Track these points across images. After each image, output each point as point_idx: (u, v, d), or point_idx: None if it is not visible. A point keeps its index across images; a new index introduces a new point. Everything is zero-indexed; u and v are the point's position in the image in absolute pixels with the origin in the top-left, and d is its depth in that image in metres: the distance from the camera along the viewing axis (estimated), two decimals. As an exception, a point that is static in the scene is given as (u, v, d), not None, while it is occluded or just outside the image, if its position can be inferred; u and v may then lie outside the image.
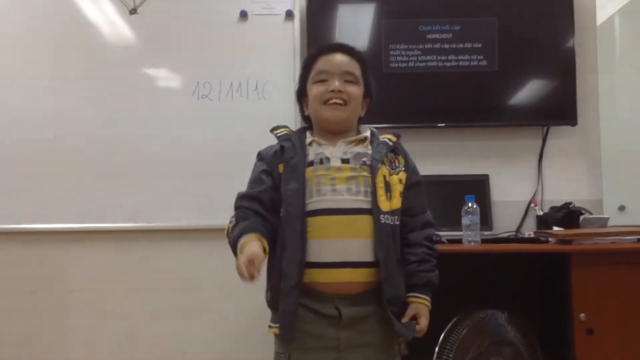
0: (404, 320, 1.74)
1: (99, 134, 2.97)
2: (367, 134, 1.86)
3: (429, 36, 3.00)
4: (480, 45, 2.99)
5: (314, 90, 1.82)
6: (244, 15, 3.01)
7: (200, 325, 2.97)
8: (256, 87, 2.97)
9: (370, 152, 1.80)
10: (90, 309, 2.97)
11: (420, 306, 1.76)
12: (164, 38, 3.02)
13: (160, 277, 2.98)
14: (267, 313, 1.78)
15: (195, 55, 3.01)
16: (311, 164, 1.77)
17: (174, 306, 2.97)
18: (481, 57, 2.99)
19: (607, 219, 2.65)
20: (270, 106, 2.97)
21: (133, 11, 3.02)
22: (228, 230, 1.74)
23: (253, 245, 1.58)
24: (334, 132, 1.83)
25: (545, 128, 3.06)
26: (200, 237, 2.95)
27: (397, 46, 3.00)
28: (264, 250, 1.61)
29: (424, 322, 1.75)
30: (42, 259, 2.99)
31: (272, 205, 1.76)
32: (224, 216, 1.77)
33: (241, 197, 1.79)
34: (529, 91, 3.01)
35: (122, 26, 3.03)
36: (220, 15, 3.02)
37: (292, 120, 2.73)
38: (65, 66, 3.00)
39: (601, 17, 3.06)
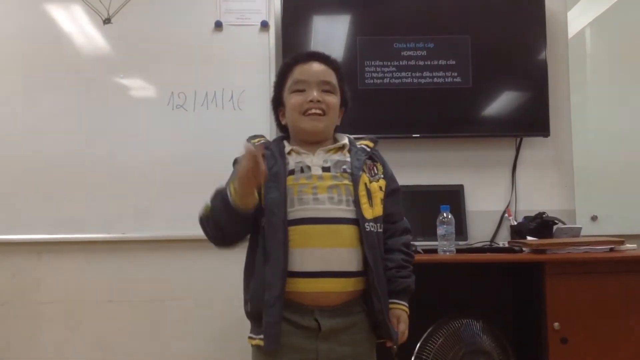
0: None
1: (73, 145, 2.94)
2: (345, 141, 1.85)
3: (404, 53, 3.02)
4: (454, 62, 3.02)
5: (292, 100, 1.81)
6: (219, 25, 3.00)
7: (175, 337, 2.93)
8: (231, 98, 2.96)
9: (349, 159, 1.79)
10: (63, 321, 2.92)
11: (399, 312, 1.76)
12: (138, 48, 3.00)
13: (134, 288, 2.94)
14: (243, 325, 1.76)
15: (170, 65, 2.99)
16: (292, 172, 1.75)
17: (148, 318, 2.94)
18: (455, 74, 3.02)
19: (580, 228, 2.69)
20: (245, 116, 2.96)
21: (107, 21, 3.00)
22: (204, 212, 1.70)
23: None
24: (312, 142, 1.82)
25: (518, 139, 3.10)
26: (174, 248, 2.93)
27: (372, 63, 3.01)
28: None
29: (402, 327, 1.75)
30: (14, 269, 2.94)
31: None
32: (199, 227, 1.74)
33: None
34: (502, 103, 3.04)
35: (95, 36, 3.00)
36: (195, 26, 3.01)
37: (267, 130, 2.73)
38: (39, 76, 2.96)
39: (572, 29, 3.10)
